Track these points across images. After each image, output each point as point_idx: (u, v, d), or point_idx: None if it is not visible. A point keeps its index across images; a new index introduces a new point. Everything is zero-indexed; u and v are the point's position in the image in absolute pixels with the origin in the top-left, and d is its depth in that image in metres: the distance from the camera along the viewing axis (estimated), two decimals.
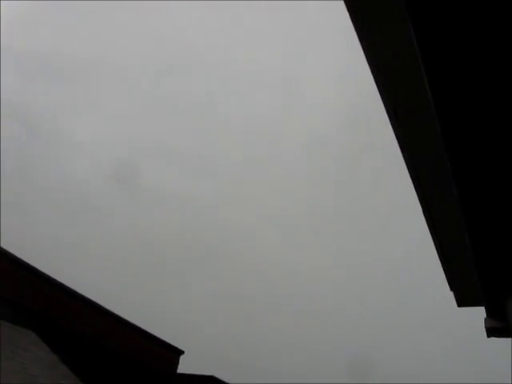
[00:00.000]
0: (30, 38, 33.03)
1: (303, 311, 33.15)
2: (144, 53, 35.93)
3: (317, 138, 37.78)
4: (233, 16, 36.69)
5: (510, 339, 4.97)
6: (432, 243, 4.57)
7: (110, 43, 35.79)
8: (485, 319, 4.80)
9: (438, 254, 4.64)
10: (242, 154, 37.61)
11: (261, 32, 37.92)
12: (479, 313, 4.90)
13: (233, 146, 37.89)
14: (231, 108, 37.42)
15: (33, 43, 32.87)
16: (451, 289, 5.04)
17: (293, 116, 39.28)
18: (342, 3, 2.58)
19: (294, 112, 39.79)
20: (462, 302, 5.17)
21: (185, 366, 19.02)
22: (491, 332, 4.89)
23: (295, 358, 29.34)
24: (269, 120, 38.23)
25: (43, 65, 34.06)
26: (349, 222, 38.26)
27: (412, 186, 3.90)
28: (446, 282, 5.07)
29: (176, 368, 18.85)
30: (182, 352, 19.08)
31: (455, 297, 5.13)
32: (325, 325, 33.31)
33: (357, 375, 23.84)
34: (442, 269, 4.93)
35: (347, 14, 2.77)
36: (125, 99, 36.46)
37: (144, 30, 36.14)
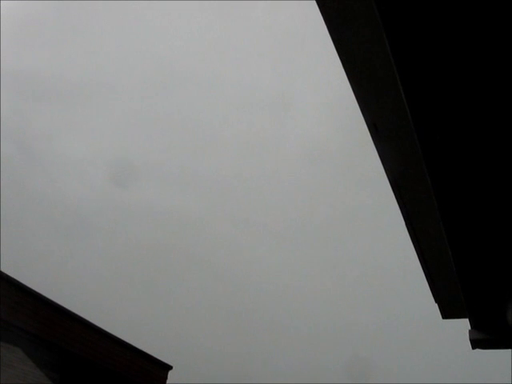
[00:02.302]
0: (23, 58, 33.06)
1: (297, 324, 33.07)
2: (138, 72, 36.03)
3: (309, 152, 37.94)
4: (226, 33, 36.92)
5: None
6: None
7: (102, 63, 35.87)
8: (469, 331, 4.82)
9: (422, 266, 4.65)
10: (234, 169, 37.67)
11: (254, 49, 38.15)
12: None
13: (225, 161, 37.95)
14: (225, 124, 37.55)
15: (25, 63, 32.88)
16: (436, 301, 5.05)
17: (285, 131, 39.46)
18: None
19: (286, 127, 39.99)
20: (446, 315, 5.18)
21: (174, 382, 18.92)
22: (476, 344, 4.90)
23: (290, 370, 29.25)
24: (262, 135, 38.36)
25: (36, 85, 34.08)
26: (342, 233, 38.35)
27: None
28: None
29: (164, 383, 18.73)
30: (170, 367, 18.96)
31: (440, 309, 5.14)
32: (321, 334, 33.24)
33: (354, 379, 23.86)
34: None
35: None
36: (118, 117, 36.53)
37: (136, 49, 36.26)
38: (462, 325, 5.01)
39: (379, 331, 33.06)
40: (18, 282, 14.02)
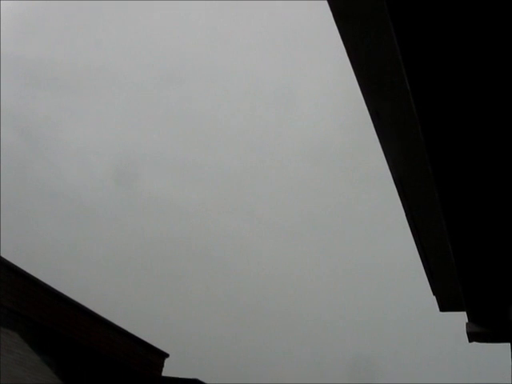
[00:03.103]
0: (28, 46, 32.95)
1: (298, 320, 33.17)
2: (143, 62, 35.95)
3: (313, 146, 37.92)
4: (231, 29, 36.82)
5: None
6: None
7: (108, 53, 35.79)
8: (466, 324, 4.84)
9: (421, 258, 4.67)
10: (238, 163, 37.68)
11: (259, 44, 38.03)
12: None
13: (229, 155, 37.94)
14: (229, 118, 37.50)
15: (29, 50, 32.79)
16: (434, 293, 5.07)
17: (289, 126, 39.43)
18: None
19: (290, 123, 39.94)
20: (444, 307, 5.20)
21: (170, 370, 18.99)
22: (473, 337, 4.92)
23: (292, 363, 29.34)
24: (266, 130, 38.34)
25: (41, 73, 33.99)
26: (343, 229, 38.40)
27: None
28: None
29: (161, 371, 18.80)
30: (166, 355, 19.03)
31: (438, 302, 5.16)
32: (320, 330, 33.33)
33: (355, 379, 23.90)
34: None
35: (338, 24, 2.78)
36: (123, 108, 36.48)
37: (143, 40, 36.18)
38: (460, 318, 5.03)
39: (376, 325, 33.17)
40: (16, 267, 14.05)
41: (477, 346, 5.14)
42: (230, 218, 37.32)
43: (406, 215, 4.14)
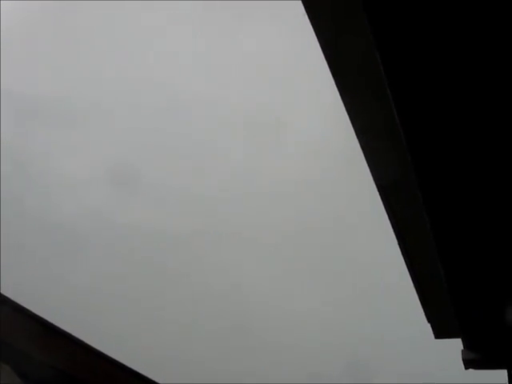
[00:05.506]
0: (19, 79, 33.16)
1: (290, 340, 32.77)
2: (133, 96, 36.13)
3: (306, 170, 37.82)
4: (222, 57, 37.10)
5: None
6: None
7: (100, 83, 36.03)
8: (462, 351, 4.77)
9: (415, 285, 4.61)
10: (230, 187, 37.63)
11: (250, 69, 38.29)
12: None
13: (220, 181, 37.95)
14: (220, 144, 37.56)
15: (21, 84, 32.99)
16: (428, 321, 5.00)
17: (282, 148, 39.43)
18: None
19: (282, 145, 39.98)
20: (439, 334, 5.14)
21: None
22: (469, 364, 4.85)
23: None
24: (259, 154, 38.34)
25: (33, 106, 34.16)
26: (339, 248, 38.12)
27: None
28: None
29: None
30: None
31: (432, 329, 5.09)
32: (311, 355, 32.92)
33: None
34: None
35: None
36: (114, 139, 36.61)
37: (133, 74, 36.44)
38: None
39: (368, 352, 32.82)
40: (8, 298, 13.90)
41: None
42: (225, 244, 37.19)
43: (398, 242, 4.08)
